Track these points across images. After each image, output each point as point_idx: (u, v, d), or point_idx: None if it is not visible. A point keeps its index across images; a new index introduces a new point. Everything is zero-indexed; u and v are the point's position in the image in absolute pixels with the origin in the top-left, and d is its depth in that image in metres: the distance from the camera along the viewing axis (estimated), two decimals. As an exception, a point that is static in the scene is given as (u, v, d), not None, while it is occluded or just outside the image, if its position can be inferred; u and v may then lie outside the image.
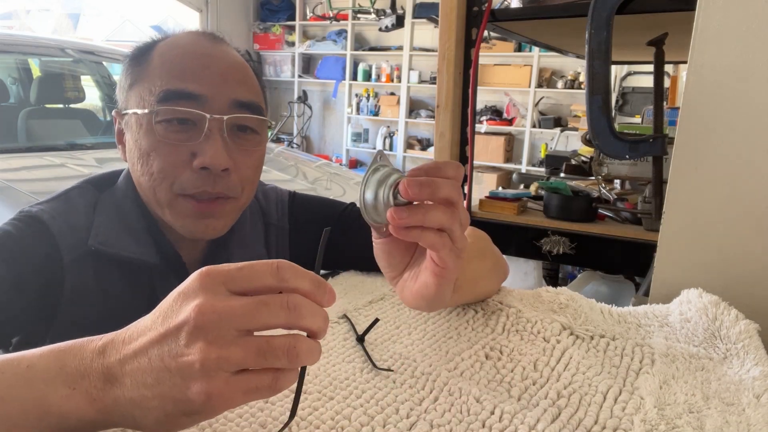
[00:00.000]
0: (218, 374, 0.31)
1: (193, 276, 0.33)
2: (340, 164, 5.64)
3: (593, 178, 1.79)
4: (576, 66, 5.39)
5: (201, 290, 0.32)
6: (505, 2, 1.70)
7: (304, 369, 0.42)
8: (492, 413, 0.45)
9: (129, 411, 0.34)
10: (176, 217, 0.68)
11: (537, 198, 1.79)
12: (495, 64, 5.68)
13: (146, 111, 0.66)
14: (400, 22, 4.63)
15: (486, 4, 1.49)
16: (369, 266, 0.82)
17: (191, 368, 0.31)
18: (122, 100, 0.71)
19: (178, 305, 0.33)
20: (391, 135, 6.46)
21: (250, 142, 0.70)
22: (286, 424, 0.42)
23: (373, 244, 0.52)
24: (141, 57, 0.70)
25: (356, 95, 6.57)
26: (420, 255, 0.52)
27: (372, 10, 5.25)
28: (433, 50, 5.85)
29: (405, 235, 0.45)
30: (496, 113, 5.86)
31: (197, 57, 0.68)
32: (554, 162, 2.51)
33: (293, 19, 6.65)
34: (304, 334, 0.35)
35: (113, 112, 0.73)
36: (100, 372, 0.34)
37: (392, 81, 6.31)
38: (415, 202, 0.44)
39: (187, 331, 0.32)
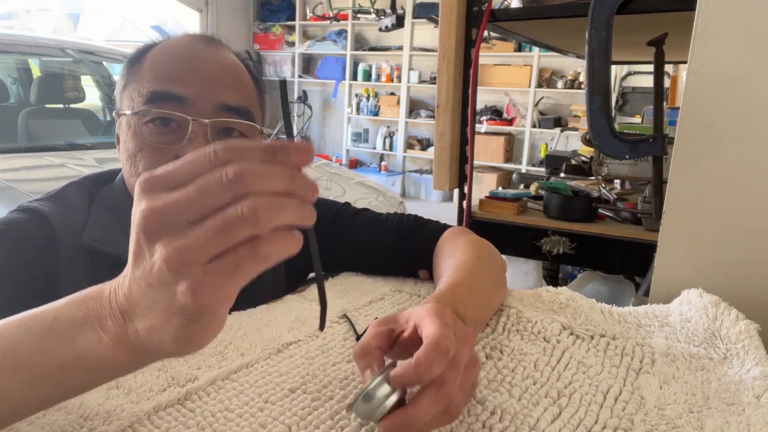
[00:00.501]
0: (190, 268, 0.30)
1: (136, 188, 0.32)
2: (340, 164, 5.65)
3: (593, 178, 1.79)
4: (576, 66, 5.39)
5: (143, 199, 0.31)
6: (505, 2, 1.70)
7: (307, 236, 0.36)
8: (492, 413, 0.45)
9: (148, 340, 0.33)
10: None
11: (537, 198, 1.79)
12: (495, 64, 5.68)
13: (132, 112, 0.66)
14: (400, 22, 4.64)
15: (486, 4, 1.49)
16: (365, 266, 0.82)
17: (163, 275, 0.30)
18: (118, 101, 0.72)
19: (133, 223, 0.32)
20: (391, 135, 6.46)
21: None
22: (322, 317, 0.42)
23: None
24: (136, 60, 0.70)
25: (356, 95, 6.58)
26: None
27: (372, 10, 5.25)
28: (433, 50, 5.85)
29: None
30: (496, 113, 5.86)
31: (187, 60, 0.67)
32: (554, 162, 2.51)
33: (293, 19, 6.65)
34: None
35: (114, 113, 0.74)
36: (118, 310, 0.34)
37: (392, 81, 6.31)
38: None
39: (144, 242, 0.31)
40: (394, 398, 0.39)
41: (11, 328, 0.36)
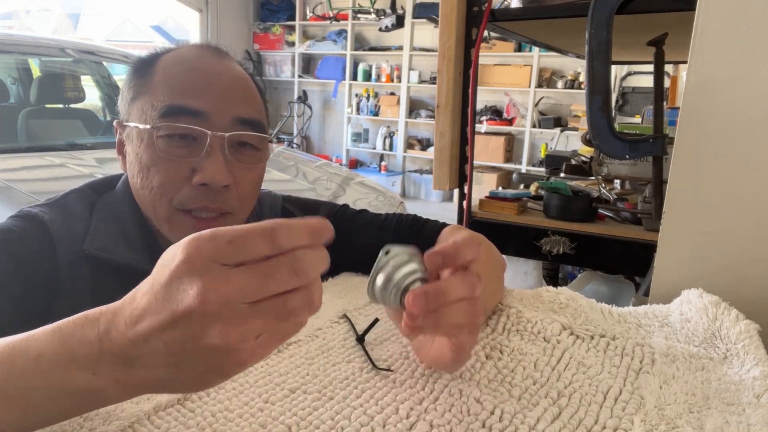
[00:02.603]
0: (245, 345, 0.31)
1: (180, 252, 0.31)
2: (340, 164, 5.65)
3: (593, 178, 1.79)
4: (576, 66, 5.39)
5: (195, 273, 0.30)
6: (505, 2, 1.70)
7: None
8: (492, 413, 0.45)
9: (159, 384, 0.34)
10: (175, 233, 0.68)
11: (537, 198, 1.79)
12: (495, 64, 5.68)
13: (148, 126, 0.66)
14: (400, 22, 4.64)
15: (486, 4, 1.49)
16: (365, 267, 0.82)
17: (218, 350, 0.31)
18: (124, 111, 0.71)
19: (175, 287, 0.31)
20: (391, 135, 6.46)
21: (251, 159, 0.70)
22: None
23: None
24: (144, 70, 0.69)
25: (356, 95, 6.58)
26: None
27: (372, 10, 5.25)
28: (433, 50, 5.85)
29: (420, 332, 0.43)
30: (496, 113, 5.86)
31: (201, 73, 0.68)
32: (554, 162, 2.51)
33: (293, 19, 6.65)
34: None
35: (114, 123, 0.73)
36: (115, 356, 0.33)
37: (392, 81, 6.31)
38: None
39: (197, 318, 0.30)
40: (419, 275, 0.41)
41: None
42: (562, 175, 2.22)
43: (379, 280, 0.40)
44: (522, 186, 2.42)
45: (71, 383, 0.34)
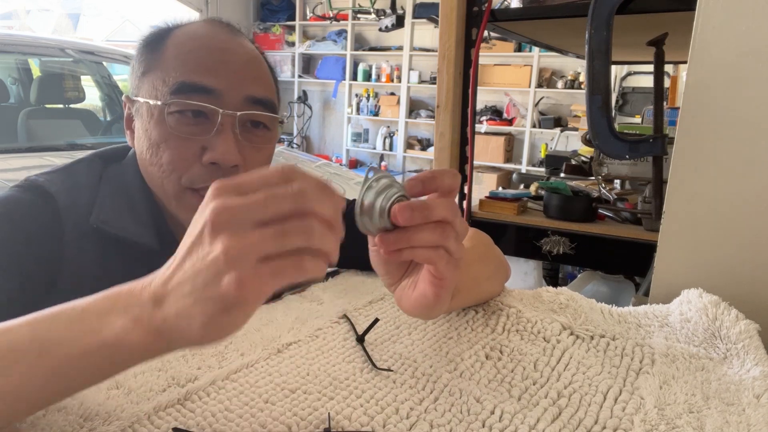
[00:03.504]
0: (243, 262, 0.33)
1: (210, 191, 0.35)
2: (340, 164, 5.64)
3: (593, 178, 1.79)
4: (576, 66, 5.39)
5: (214, 198, 0.34)
6: (505, 2, 1.70)
7: None
8: (492, 413, 0.45)
9: (176, 325, 0.35)
10: (182, 211, 0.68)
11: (537, 198, 1.79)
12: (495, 64, 5.68)
13: (159, 102, 0.65)
14: (400, 22, 4.63)
15: (486, 4, 1.49)
16: (369, 266, 0.82)
17: (218, 262, 0.33)
18: (134, 86, 0.71)
19: (197, 218, 0.35)
20: (391, 135, 6.46)
21: (261, 139, 0.70)
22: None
23: (369, 251, 0.52)
24: (155, 44, 0.69)
25: (356, 95, 6.57)
26: (418, 263, 0.52)
27: (372, 10, 5.25)
28: (433, 50, 5.85)
29: (397, 256, 0.44)
30: (496, 113, 5.86)
31: (214, 50, 0.67)
32: (554, 162, 2.51)
33: (293, 19, 6.65)
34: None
35: (123, 97, 0.72)
36: (148, 299, 0.36)
37: (392, 81, 6.31)
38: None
39: (208, 232, 0.33)
40: (404, 193, 0.44)
41: (40, 317, 0.37)
42: (562, 175, 2.22)
43: (369, 195, 0.43)
44: (522, 186, 2.43)
45: (107, 331, 0.35)
